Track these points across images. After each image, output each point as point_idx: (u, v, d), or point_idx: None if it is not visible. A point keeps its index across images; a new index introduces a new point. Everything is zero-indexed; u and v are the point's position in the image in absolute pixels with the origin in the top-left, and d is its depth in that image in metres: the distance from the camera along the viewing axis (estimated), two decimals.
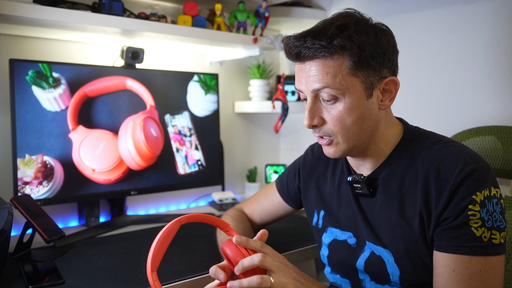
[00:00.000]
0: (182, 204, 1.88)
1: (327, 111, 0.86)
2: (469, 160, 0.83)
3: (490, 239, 0.79)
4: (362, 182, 0.92)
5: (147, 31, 1.43)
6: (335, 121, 0.85)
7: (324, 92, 0.84)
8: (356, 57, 0.82)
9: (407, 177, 0.88)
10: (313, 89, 0.85)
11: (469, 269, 0.79)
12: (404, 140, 0.92)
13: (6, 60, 1.37)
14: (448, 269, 0.81)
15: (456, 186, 0.81)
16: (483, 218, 0.80)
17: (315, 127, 0.87)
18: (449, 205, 0.81)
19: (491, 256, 0.79)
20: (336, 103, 0.85)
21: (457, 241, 0.80)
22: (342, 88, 0.83)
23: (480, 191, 0.81)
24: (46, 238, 1.19)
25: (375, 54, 0.84)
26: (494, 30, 1.45)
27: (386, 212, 0.90)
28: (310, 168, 1.11)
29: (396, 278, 0.89)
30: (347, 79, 0.83)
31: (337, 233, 1.01)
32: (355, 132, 0.86)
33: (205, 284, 1.04)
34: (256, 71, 1.97)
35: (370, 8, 1.78)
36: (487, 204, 0.80)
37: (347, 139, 0.87)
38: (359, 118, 0.85)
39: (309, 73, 0.85)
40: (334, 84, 0.82)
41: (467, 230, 0.80)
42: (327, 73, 0.82)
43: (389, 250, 0.89)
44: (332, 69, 0.82)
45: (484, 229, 0.79)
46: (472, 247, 0.79)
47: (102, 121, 1.49)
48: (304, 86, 0.86)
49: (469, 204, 0.80)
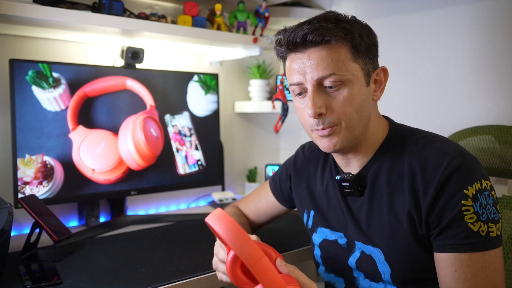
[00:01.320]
0: (182, 204, 1.88)
1: (331, 99, 0.85)
2: (455, 154, 0.83)
3: (487, 232, 0.79)
4: (351, 181, 0.92)
5: (147, 31, 1.43)
6: (340, 107, 0.84)
7: (329, 79, 0.83)
8: (357, 43, 0.84)
9: (394, 173, 0.89)
10: (319, 77, 0.83)
11: (471, 267, 0.79)
12: (390, 137, 0.93)
13: (6, 60, 1.37)
14: (450, 269, 0.80)
15: (443, 180, 0.81)
16: (477, 212, 0.79)
17: (321, 116, 0.85)
18: (439, 201, 0.81)
19: (489, 250, 0.79)
20: (340, 89, 0.84)
21: (456, 239, 0.80)
22: (346, 73, 0.84)
23: (470, 185, 0.80)
24: (54, 238, 1.20)
25: (369, 43, 0.87)
26: (493, 30, 1.45)
27: (375, 210, 0.90)
28: (300, 169, 1.12)
29: (388, 277, 0.88)
30: (350, 65, 0.84)
31: (327, 233, 1.01)
32: (357, 120, 0.86)
33: (205, 284, 1.05)
34: (256, 71, 1.97)
35: (370, 8, 1.78)
36: (479, 198, 0.80)
37: (350, 127, 0.86)
38: (361, 106, 0.86)
39: (312, 61, 0.84)
40: (340, 70, 0.83)
41: (464, 227, 0.79)
42: (332, 60, 0.83)
43: (379, 249, 0.89)
44: (336, 55, 0.83)
45: (480, 223, 0.79)
46: (471, 243, 0.79)
47: (102, 121, 1.49)
48: (308, 75, 0.84)
49: (461, 200, 0.79)
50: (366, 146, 0.92)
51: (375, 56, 0.90)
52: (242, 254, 0.63)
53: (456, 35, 1.54)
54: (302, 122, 0.92)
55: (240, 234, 0.64)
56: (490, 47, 1.46)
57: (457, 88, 1.55)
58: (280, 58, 0.94)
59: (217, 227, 0.66)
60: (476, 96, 1.50)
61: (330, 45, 0.83)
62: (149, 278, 1.06)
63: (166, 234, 1.44)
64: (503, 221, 1.10)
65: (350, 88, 0.84)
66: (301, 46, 0.85)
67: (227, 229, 0.65)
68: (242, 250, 0.63)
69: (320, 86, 0.85)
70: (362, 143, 0.91)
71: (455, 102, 1.55)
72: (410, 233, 0.85)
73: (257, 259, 0.63)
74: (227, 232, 0.65)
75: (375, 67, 0.89)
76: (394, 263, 0.87)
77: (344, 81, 0.84)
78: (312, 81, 0.84)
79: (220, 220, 0.66)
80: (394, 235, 0.87)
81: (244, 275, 0.75)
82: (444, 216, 0.81)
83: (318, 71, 0.83)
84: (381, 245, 0.89)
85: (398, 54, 1.69)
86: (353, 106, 0.85)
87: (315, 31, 0.82)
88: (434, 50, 1.60)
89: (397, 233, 0.86)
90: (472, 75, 1.51)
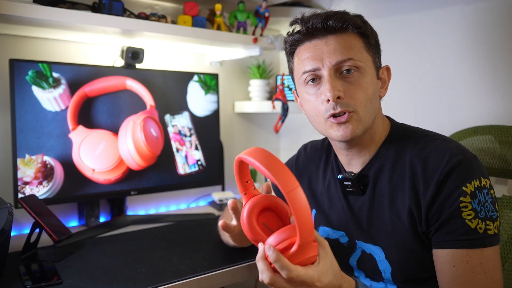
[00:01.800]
0: (182, 204, 1.88)
1: (348, 84, 0.87)
2: (455, 151, 0.84)
3: (485, 230, 0.79)
4: (353, 180, 0.93)
5: (147, 31, 1.43)
6: (357, 92, 0.86)
7: (347, 63, 0.86)
8: (370, 38, 0.89)
9: (395, 172, 0.89)
10: (337, 61, 0.86)
11: (469, 263, 0.79)
12: (392, 135, 0.94)
13: (6, 60, 1.37)
14: (449, 265, 0.81)
15: (443, 177, 0.81)
16: (475, 209, 0.80)
17: (339, 99, 0.85)
18: (438, 198, 0.82)
19: (487, 248, 0.79)
20: (356, 75, 0.87)
21: (453, 235, 0.80)
22: (363, 60, 0.87)
23: (469, 182, 0.81)
24: (54, 238, 1.20)
25: (377, 41, 0.93)
26: (493, 30, 1.45)
27: (376, 208, 0.91)
28: (302, 168, 1.12)
29: (388, 275, 0.89)
30: (364, 55, 0.88)
31: (329, 231, 1.01)
32: (370, 109, 0.88)
33: (205, 284, 1.05)
34: (256, 71, 1.97)
35: (370, 8, 1.78)
36: (478, 195, 0.81)
37: (364, 115, 0.87)
38: (373, 96, 0.89)
39: (330, 47, 0.87)
40: (358, 56, 0.87)
41: (462, 223, 0.80)
42: (350, 46, 0.87)
43: (380, 247, 0.90)
44: (353, 43, 0.87)
45: (478, 220, 0.79)
46: (469, 240, 0.79)
47: (102, 121, 1.49)
48: (327, 60, 0.86)
49: (460, 196, 0.80)
50: (370, 141, 0.93)
51: (380, 53, 0.94)
52: (280, 181, 0.63)
53: (456, 35, 1.54)
54: (313, 113, 0.91)
55: (278, 162, 0.65)
56: (490, 47, 1.46)
57: (457, 88, 1.55)
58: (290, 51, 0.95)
59: (255, 156, 0.66)
60: (476, 96, 1.50)
61: (347, 32, 0.87)
62: (149, 278, 1.06)
63: (166, 234, 1.44)
64: (503, 221, 1.11)
65: (364, 76, 0.87)
66: (320, 31, 0.88)
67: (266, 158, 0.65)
68: (280, 177, 0.63)
69: (337, 72, 0.87)
70: (367, 137, 0.92)
71: (455, 102, 1.55)
72: (410, 231, 0.85)
73: (293, 187, 0.63)
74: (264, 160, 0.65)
75: (380, 65, 0.94)
76: (395, 262, 0.88)
77: (360, 68, 0.87)
78: (330, 65, 0.86)
79: (257, 151, 0.67)
80: (395, 233, 0.87)
81: (259, 226, 0.74)
82: (443, 212, 0.81)
83: (337, 55, 0.86)
84: (381, 243, 0.89)
85: (398, 54, 1.69)
86: (367, 95, 0.87)
87: (335, 16, 0.86)
88: (434, 50, 1.60)
89: (398, 231, 0.87)
90: (472, 75, 1.51)
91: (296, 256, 0.66)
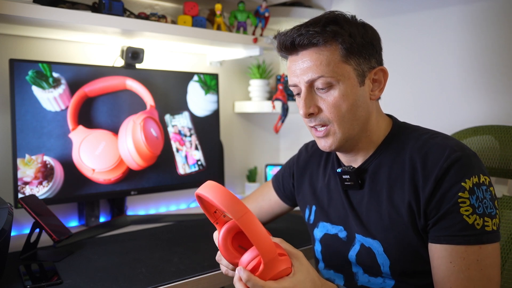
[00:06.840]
0: (182, 204, 1.88)
1: (322, 100, 0.88)
2: (455, 148, 0.84)
3: (483, 226, 0.80)
4: (352, 173, 0.94)
5: (147, 31, 1.43)
6: (330, 108, 0.87)
7: (318, 81, 0.86)
8: (347, 44, 0.86)
9: (395, 167, 0.90)
10: (308, 80, 0.87)
11: (466, 259, 0.79)
12: (393, 133, 0.94)
13: (6, 60, 1.37)
14: (445, 260, 0.81)
15: (442, 172, 0.82)
16: (473, 205, 0.80)
17: (311, 115, 0.89)
18: (437, 193, 0.82)
19: (485, 245, 0.79)
20: (330, 90, 0.87)
21: (450, 231, 0.81)
22: (336, 75, 0.86)
23: (468, 178, 0.81)
24: (54, 238, 1.20)
25: (364, 43, 0.88)
26: (493, 29, 1.45)
27: (375, 202, 0.92)
28: (303, 165, 1.14)
29: (387, 269, 0.89)
30: (340, 66, 0.86)
31: (328, 227, 1.02)
32: (349, 119, 0.88)
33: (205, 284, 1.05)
34: (256, 71, 1.97)
35: (370, 8, 1.78)
36: (476, 191, 0.81)
37: (342, 127, 0.89)
38: (353, 105, 0.88)
39: (303, 64, 0.87)
40: (328, 72, 0.86)
41: (459, 219, 0.80)
42: (321, 62, 0.86)
43: (378, 241, 0.90)
44: (325, 57, 0.86)
45: (475, 216, 0.80)
46: (466, 236, 0.80)
47: (102, 121, 1.49)
48: (299, 77, 0.88)
49: (459, 192, 0.81)
50: (367, 143, 0.94)
51: (371, 55, 0.90)
52: (230, 210, 0.67)
53: (456, 35, 1.54)
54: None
55: (227, 194, 0.68)
56: (490, 47, 1.46)
57: (457, 88, 1.55)
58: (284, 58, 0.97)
59: (207, 191, 0.70)
60: (476, 96, 1.50)
61: (318, 47, 0.86)
62: (149, 278, 1.06)
63: (166, 234, 1.44)
64: (503, 221, 1.11)
65: (340, 90, 0.87)
66: (292, 49, 0.89)
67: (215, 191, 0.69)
68: (229, 207, 0.67)
69: (311, 87, 0.89)
70: (362, 140, 0.93)
71: (455, 102, 1.55)
72: (409, 225, 0.86)
73: (243, 213, 0.67)
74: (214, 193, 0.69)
75: (372, 66, 0.90)
76: (393, 255, 0.89)
77: (333, 83, 0.86)
78: (304, 82, 0.88)
79: (208, 186, 0.71)
80: (393, 227, 0.88)
81: (235, 250, 0.78)
82: (441, 207, 0.82)
83: (308, 74, 0.87)
84: (379, 237, 0.90)
85: (398, 54, 1.69)
86: (344, 107, 0.87)
87: (300, 36, 0.86)
88: (434, 50, 1.60)
89: (396, 225, 0.88)
90: (472, 75, 1.51)
91: (267, 272, 0.69)
